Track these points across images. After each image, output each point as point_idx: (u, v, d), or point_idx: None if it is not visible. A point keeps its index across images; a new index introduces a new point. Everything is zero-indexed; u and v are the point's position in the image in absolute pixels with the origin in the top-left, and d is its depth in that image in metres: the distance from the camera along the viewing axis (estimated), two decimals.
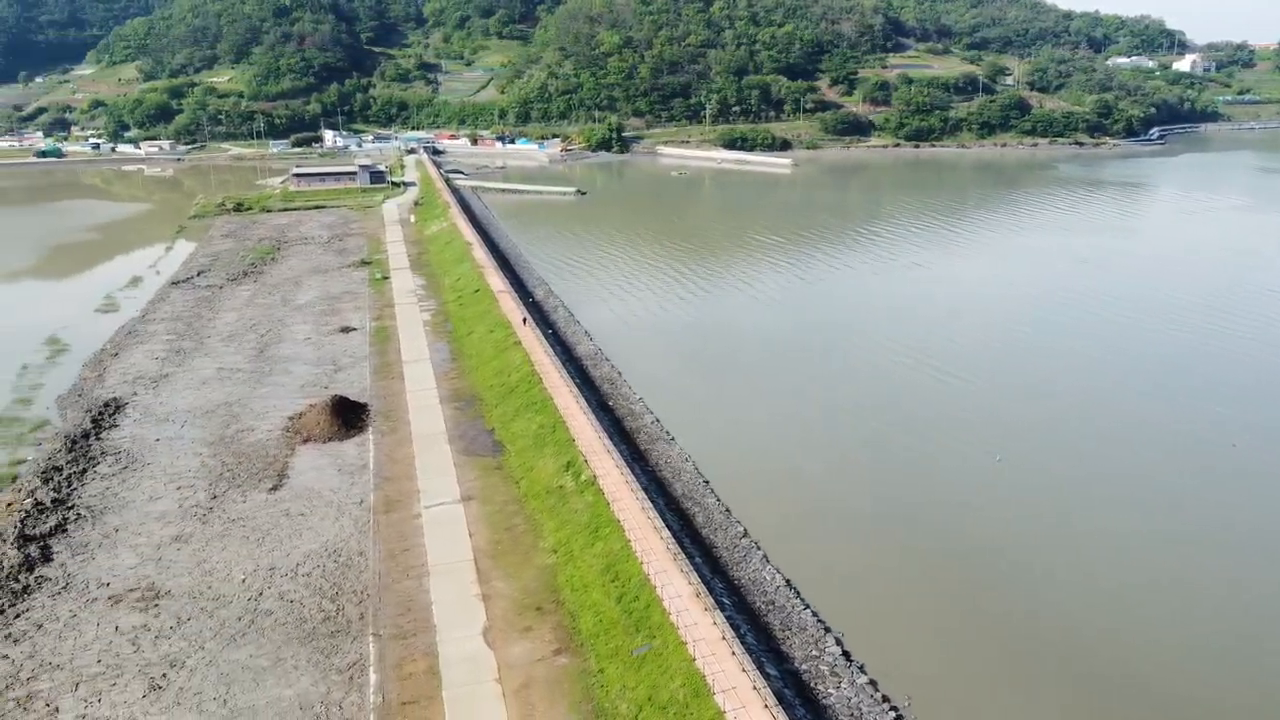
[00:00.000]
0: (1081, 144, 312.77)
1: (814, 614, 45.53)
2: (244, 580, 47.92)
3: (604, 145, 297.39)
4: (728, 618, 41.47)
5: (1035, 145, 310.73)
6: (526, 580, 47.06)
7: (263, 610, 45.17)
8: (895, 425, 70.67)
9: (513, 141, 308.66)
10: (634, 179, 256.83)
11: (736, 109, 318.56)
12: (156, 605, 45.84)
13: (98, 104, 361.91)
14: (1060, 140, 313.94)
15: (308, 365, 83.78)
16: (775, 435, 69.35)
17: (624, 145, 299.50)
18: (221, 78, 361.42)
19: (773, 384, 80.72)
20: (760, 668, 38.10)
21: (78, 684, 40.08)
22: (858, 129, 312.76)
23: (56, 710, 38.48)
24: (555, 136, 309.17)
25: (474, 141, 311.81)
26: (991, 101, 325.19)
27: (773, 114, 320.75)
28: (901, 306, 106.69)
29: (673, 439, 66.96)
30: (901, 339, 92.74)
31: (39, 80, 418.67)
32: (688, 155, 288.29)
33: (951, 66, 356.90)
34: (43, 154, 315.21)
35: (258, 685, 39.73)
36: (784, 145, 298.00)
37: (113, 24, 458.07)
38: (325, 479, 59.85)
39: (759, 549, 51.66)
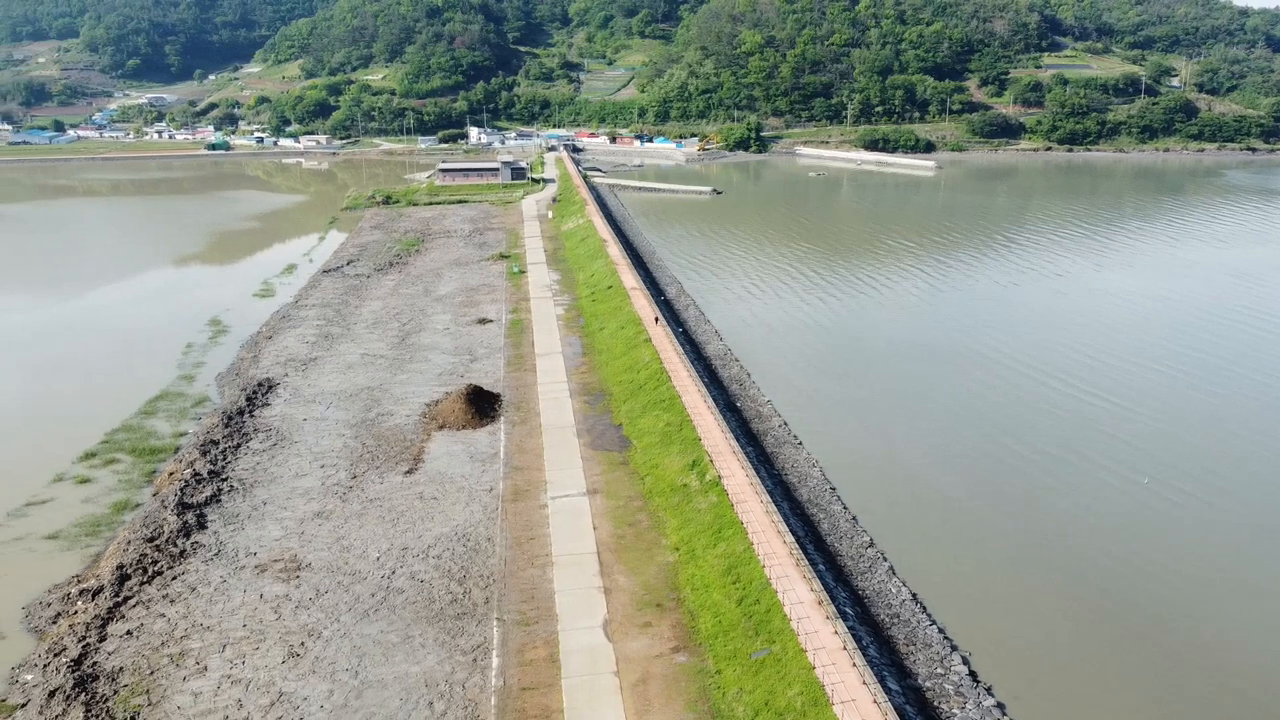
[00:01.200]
0: (1254, 150, 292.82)
1: (940, 631, 44.17)
2: (378, 558, 49.90)
3: (742, 145, 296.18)
4: (850, 628, 40.68)
5: (1202, 151, 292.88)
6: (648, 576, 47.34)
7: (394, 588, 46.93)
8: (1031, 442, 67.81)
9: (651, 140, 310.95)
10: (770, 179, 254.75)
11: (879, 109, 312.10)
12: (298, 576, 48.24)
13: (263, 100, 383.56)
14: (1230, 146, 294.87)
15: (445, 354, 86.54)
16: (906, 445, 67.55)
17: (762, 145, 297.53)
18: (376, 76, 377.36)
19: (905, 392, 78.68)
20: (882, 681, 37.23)
21: (224, 645, 42.58)
22: (1006, 131, 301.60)
23: (205, 669, 40.98)
24: (693, 135, 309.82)
25: (613, 139, 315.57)
26: (1154, 104, 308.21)
27: (916, 115, 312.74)
28: (1041, 318, 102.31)
29: (800, 443, 66.11)
30: (1040, 352, 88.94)
31: (212, 78, 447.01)
32: (826, 156, 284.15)
33: (1111, 67, 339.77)
34: (212, 147, 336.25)
35: (387, 660, 41.30)
36: (927, 147, 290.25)
37: (279, 24, 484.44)
38: (458, 465, 61.69)
39: (885, 560, 50.47)
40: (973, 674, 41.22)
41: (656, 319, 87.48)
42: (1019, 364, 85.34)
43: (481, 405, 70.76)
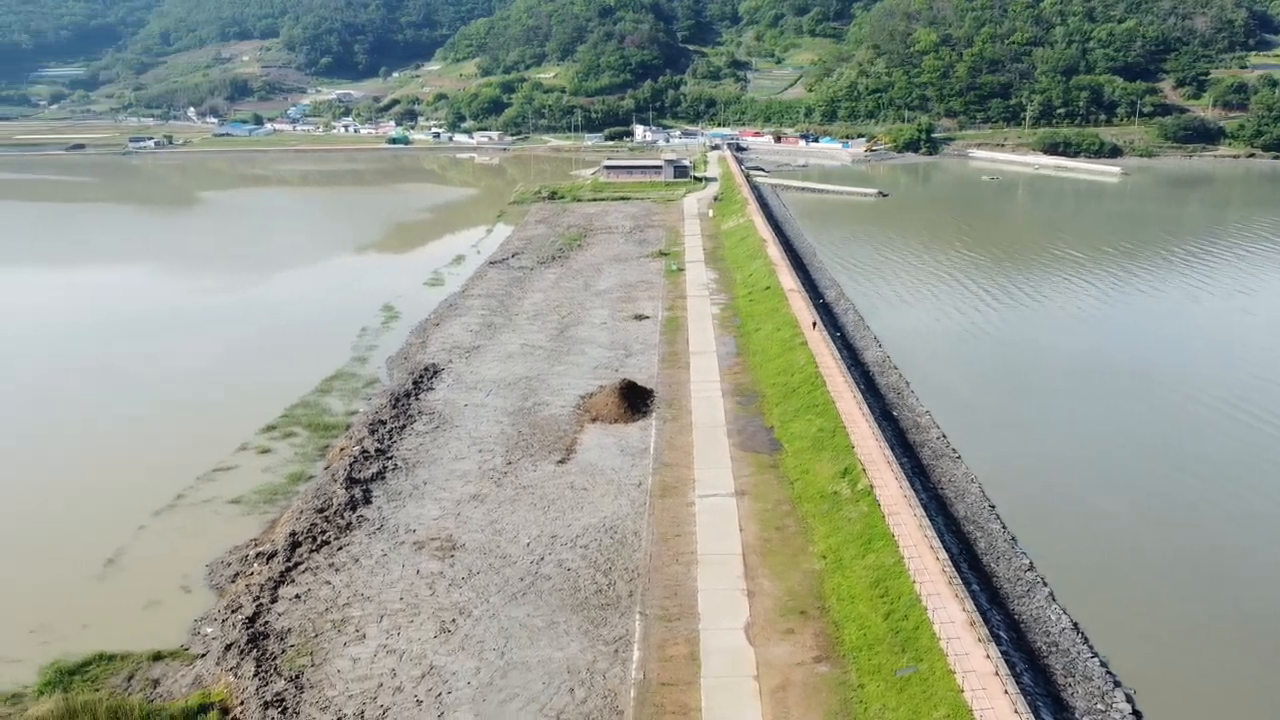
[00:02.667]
0: None
1: (1103, 664, 41.64)
2: (528, 544, 51.25)
3: (911, 146, 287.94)
4: (1003, 652, 38.91)
5: None
6: (793, 582, 46.72)
7: (542, 574, 48.08)
8: (1207, 469, 62.91)
9: (816, 140, 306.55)
10: (940, 182, 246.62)
11: (1061, 111, 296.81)
12: (452, 556, 50.13)
13: (441, 97, 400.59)
14: None
15: (601, 348, 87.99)
16: (1073, 465, 63.98)
17: (933, 147, 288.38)
18: (548, 74, 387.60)
19: (1074, 410, 74.53)
20: (1035, 712, 35.42)
21: (382, 616, 44.72)
22: (1204, 136, 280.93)
23: (364, 636, 43.16)
24: (860, 136, 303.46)
25: (777, 139, 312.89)
26: None
27: (1102, 117, 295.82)
28: (1223, 338, 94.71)
29: (958, 457, 63.69)
30: (1220, 373, 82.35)
31: (395, 75, 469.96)
32: (1001, 159, 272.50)
33: None
34: (392, 141, 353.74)
35: (532, 643, 42.37)
36: (1113, 152, 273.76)
37: (460, 24, 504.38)
38: (608, 458, 62.61)
39: (1045, 585, 47.98)
40: (1136, 713, 38.67)
41: (815, 324, 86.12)
42: (1196, 385, 79.35)
43: (634, 400, 71.54)
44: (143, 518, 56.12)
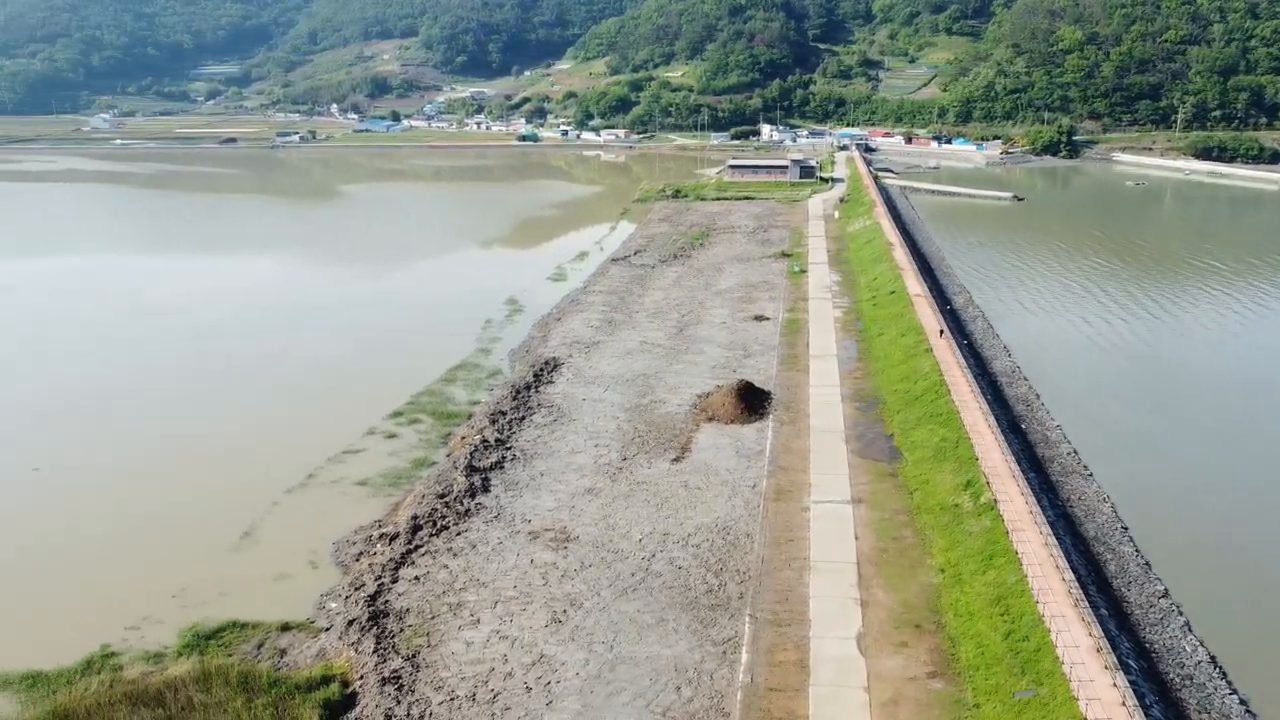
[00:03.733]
0: None
1: (1243, 703, 39.10)
2: (640, 540, 51.51)
3: (1050, 149, 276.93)
4: (1131, 682, 36.96)
5: None
6: (908, 594, 45.55)
7: (653, 571, 48.25)
8: None
9: (949, 141, 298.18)
10: (1080, 187, 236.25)
11: (1216, 114, 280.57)
12: (566, 547, 50.84)
13: (570, 95, 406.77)
14: None
15: (720, 348, 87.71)
16: (1217, 489, 60.28)
17: (1073, 150, 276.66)
18: (676, 73, 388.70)
19: (1220, 431, 70.21)
20: None
21: (496, 602, 45.70)
22: None
23: (478, 621, 44.20)
24: (996, 138, 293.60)
25: (908, 140, 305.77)
26: None
27: (1263, 121, 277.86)
28: None
29: (1090, 474, 60.84)
30: None
31: (527, 74, 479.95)
32: (1148, 164, 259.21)
33: None
34: (522, 138, 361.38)
35: (641, 639, 42.56)
36: (1274, 158, 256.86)
37: (591, 23, 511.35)
38: (723, 459, 62.37)
39: (1180, 614, 45.35)
40: None
41: (941, 332, 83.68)
42: None
43: (751, 401, 71.05)
44: (276, 495, 58.92)
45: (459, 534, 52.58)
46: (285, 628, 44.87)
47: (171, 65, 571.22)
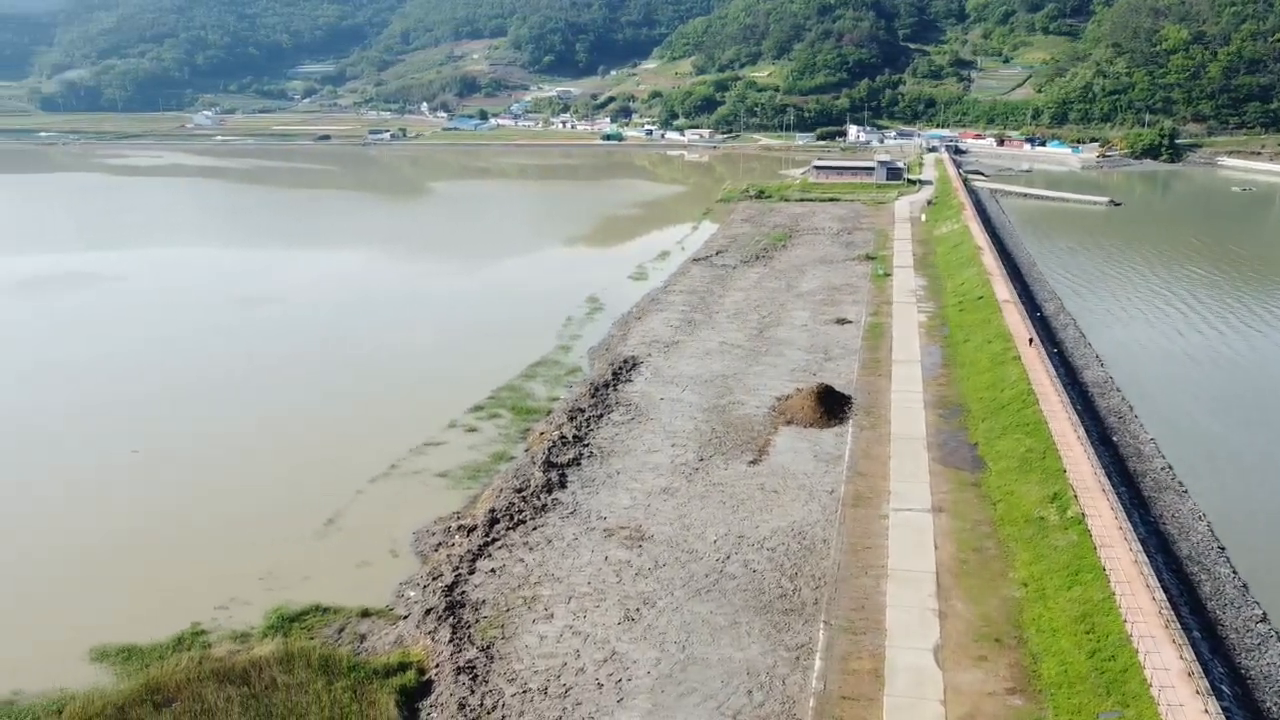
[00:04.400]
0: None
1: None
2: (715, 541, 51.32)
3: (1150, 152, 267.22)
4: (1224, 708, 35.44)
5: None
6: (988, 608, 44.45)
7: (728, 573, 48.03)
8: None
9: (1043, 143, 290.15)
10: (1182, 192, 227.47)
11: None
12: (640, 546, 50.95)
13: (655, 95, 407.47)
14: None
15: (800, 351, 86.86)
16: None
17: (1175, 153, 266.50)
18: (762, 73, 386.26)
19: None
20: None
21: (570, 598, 46.05)
22: None
23: (551, 616, 44.61)
24: (1093, 140, 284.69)
25: (1000, 142, 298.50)
26: None
27: None
28: None
29: (1185, 491, 58.49)
30: None
31: (613, 73, 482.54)
32: (1258, 169, 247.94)
33: None
34: (606, 137, 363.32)
35: (713, 640, 42.42)
36: None
37: (678, 23, 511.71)
38: (801, 462, 61.76)
39: None
40: None
41: (1031, 340, 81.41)
42: None
43: (831, 405, 70.19)
44: (360, 483, 60.39)
45: (535, 529, 53.13)
46: (365, 613, 45.98)
47: (270, 64, 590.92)
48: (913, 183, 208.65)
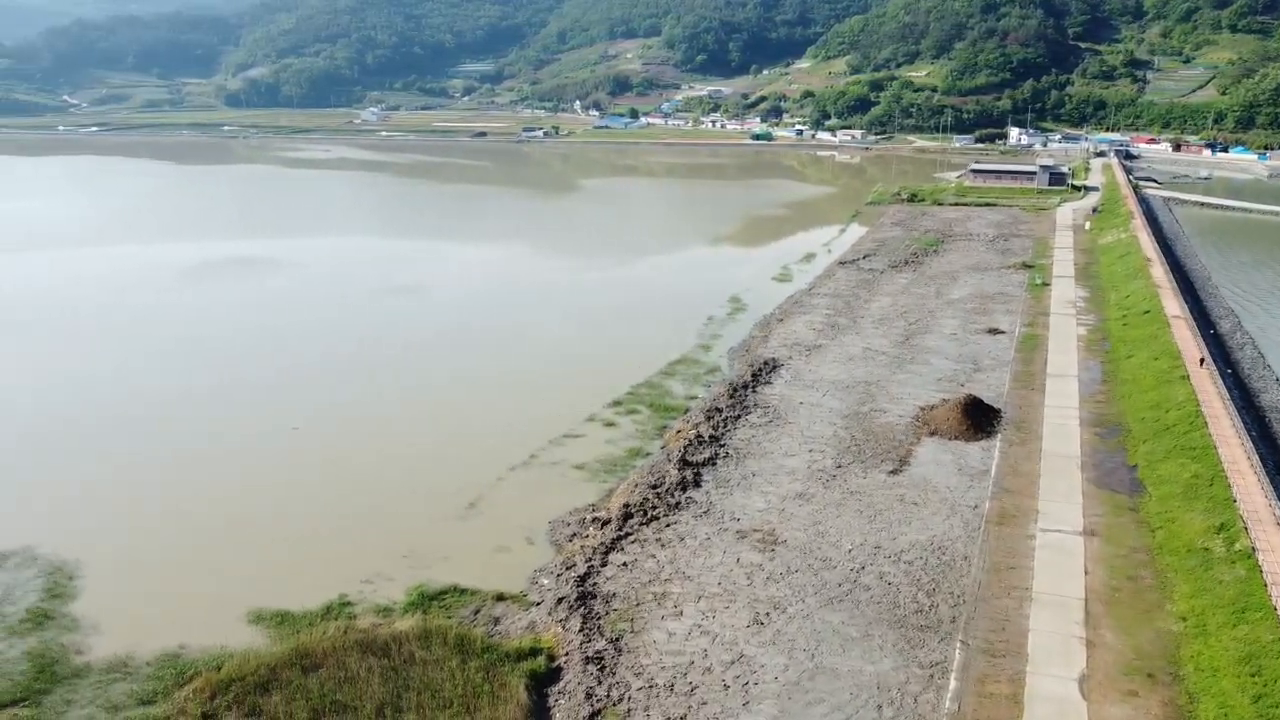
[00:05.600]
0: None
1: None
2: (850, 550, 50.31)
3: None
4: None
5: None
6: (1141, 640, 41.92)
7: (862, 584, 47.00)
8: None
9: (1225, 149, 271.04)
10: None
11: None
12: (773, 550, 50.45)
13: (807, 94, 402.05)
14: None
15: (947, 360, 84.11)
16: None
17: None
18: (919, 72, 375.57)
19: None
20: None
21: (700, 597, 46.04)
22: None
23: (680, 613, 44.71)
24: None
25: (1176, 147, 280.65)
26: None
27: None
28: None
29: None
30: None
31: (765, 72, 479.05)
32: None
33: None
34: (755, 137, 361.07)
35: (843, 651, 41.60)
36: None
37: (834, 22, 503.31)
38: (944, 475, 59.81)
39: None
40: None
41: (1202, 359, 76.23)
42: None
43: (978, 418, 67.67)
44: (501, 471, 62.12)
45: (668, 525, 53.37)
46: (500, 597, 47.27)
47: (434, 63, 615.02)
48: (1077, 188, 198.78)
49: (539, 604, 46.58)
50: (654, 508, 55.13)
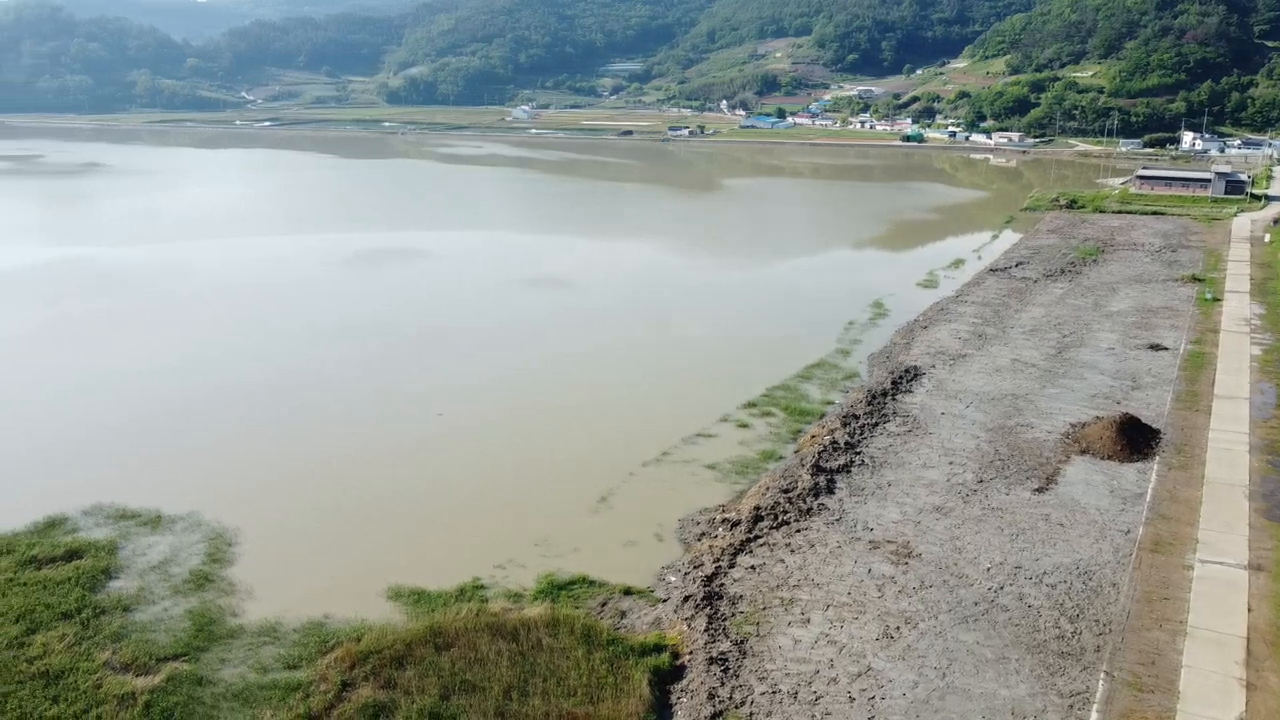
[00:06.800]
0: None
1: None
2: (989, 569, 48.45)
3: None
4: None
5: None
6: None
7: (999, 604, 45.21)
8: None
9: None
10: None
11: None
12: (906, 563, 49.11)
13: (963, 95, 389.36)
14: None
15: (1103, 376, 79.91)
16: None
17: None
18: (1085, 73, 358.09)
19: None
20: None
21: (828, 606, 45.26)
22: None
23: (807, 621, 44.07)
24: None
25: None
26: None
27: None
28: None
29: None
30: None
31: (918, 72, 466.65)
32: None
33: None
34: (906, 138, 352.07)
35: (977, 673, 40.12)
36: None
37: (993, 20, 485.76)
38: (1094, 496, 56.86)
39: None
40: None
41: None
42: None
43: (1135, 438, 63.98)
44: (633, 467, 62.69)
45: (799, 531, 52.69)
46: (627, 591, 47.72)
47: (584, 62, 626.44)
48: (1257, 198, 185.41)
49: (665, 600, 46.76)
50: (785, 512, 54.53)
